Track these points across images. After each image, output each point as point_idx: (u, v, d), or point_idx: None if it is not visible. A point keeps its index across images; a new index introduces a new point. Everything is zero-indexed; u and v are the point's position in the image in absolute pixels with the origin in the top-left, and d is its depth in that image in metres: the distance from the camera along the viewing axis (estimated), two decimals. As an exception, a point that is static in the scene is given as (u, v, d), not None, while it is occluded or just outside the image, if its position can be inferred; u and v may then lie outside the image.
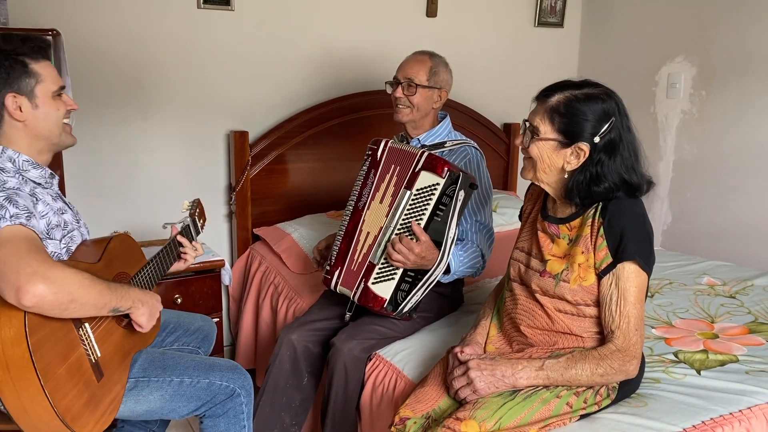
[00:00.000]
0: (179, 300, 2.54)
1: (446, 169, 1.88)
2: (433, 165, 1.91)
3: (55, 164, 2.09)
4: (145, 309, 1.60)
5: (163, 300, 1.80)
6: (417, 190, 1.94)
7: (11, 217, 1.40)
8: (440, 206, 1.89)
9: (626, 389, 1.62)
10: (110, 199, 2.73)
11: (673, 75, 3.32)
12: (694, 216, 3.29)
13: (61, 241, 1.62)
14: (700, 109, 3.22)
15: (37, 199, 1.57)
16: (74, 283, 1.38)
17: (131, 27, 2.66)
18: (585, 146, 1.51)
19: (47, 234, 1.58)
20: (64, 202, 1.73)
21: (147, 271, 1.76)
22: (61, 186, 2.13)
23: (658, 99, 3.41)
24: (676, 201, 3.37)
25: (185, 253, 1.92)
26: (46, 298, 1.33)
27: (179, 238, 1.90)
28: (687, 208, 3.32)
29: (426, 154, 1.95)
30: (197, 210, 2.02)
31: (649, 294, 2.34)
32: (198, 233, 2.01)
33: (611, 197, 1.53)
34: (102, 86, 2.65)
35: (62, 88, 1.65)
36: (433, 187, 1.91)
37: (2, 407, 1.42)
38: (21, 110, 1.57)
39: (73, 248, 1.66)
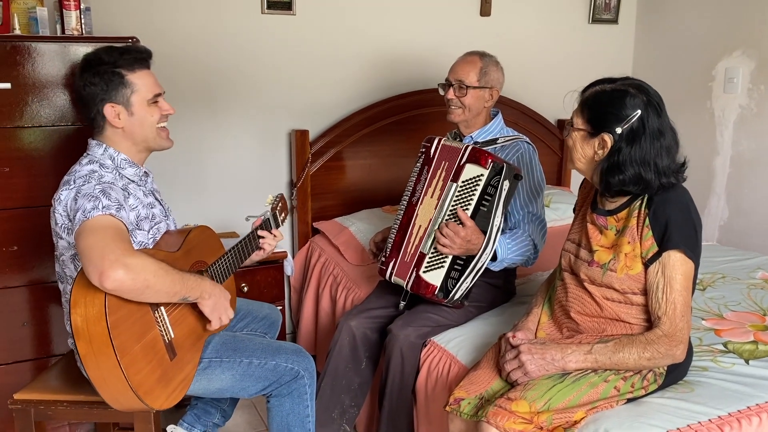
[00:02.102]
0: (246, 288, 2.71)
1: (490, 160, 1.98)
2: (477, 157, 2.01)
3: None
4: (211, 301, 1.72)
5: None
6: (462, 182, 2.03)
7: (103, 207, 1.57)
8: (486, 196, 1.98)
9: (673, 376, 1.68)
10: (183, 194, 2.92)
11: (730, 69, 3.29)
12: (751, 212, 3.25)
13: (149, 231, 1.79)
14: (759, 104, 3.19)
15: (128, 194, 1.74)
16: (151, 272, 1.51)
17: (201, 33, 2.84)
18: (608, 137, 1.58)
19: (137, 225, 1.75)
20: (156, 198, 1.90)
21: (224, 260, 1.89)
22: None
23: (715, 94, 3.38)
24: (734, 197, 3.34)
25: (265, 242, 2.04)
26: (124, 284, 1.46)
27: (259, 231, 2.04)
28: (744, 203, 3.29)
29: (470, 147, 2.05)
30: (279, 204, 2.15)
31: (701, 287, 2.39)
32: (278, 226, 2.13)
33: (626, 189, 1.59)
34: (175, 89, 2.81)
35: (158, 95, 1.81)
36: (477, 179, 2.00)
37: (87, 376, 1.58)
38: (119, 118, 1.76)
39: (158, 237, 1.83)
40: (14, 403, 1.78)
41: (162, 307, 1.66)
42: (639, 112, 1.57)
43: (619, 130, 1.57)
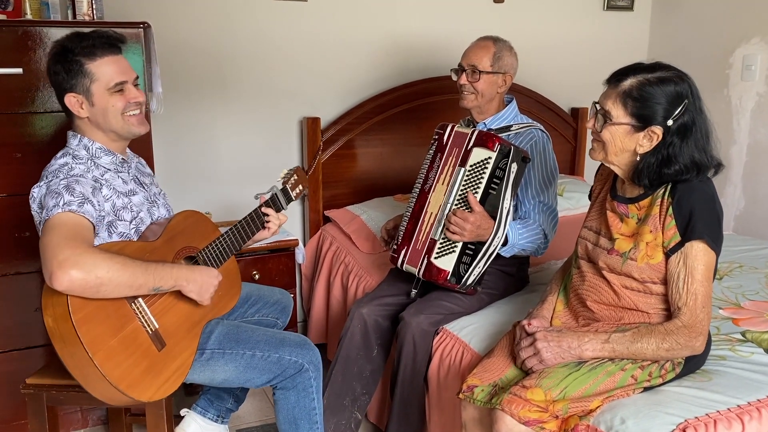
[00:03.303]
0: (257, 276, 2.70)
1: (497, 143, 1.96)
2: (484, 141, 2.00)
3: (146, 149, 2.27)
4: (194, 286, 1.66)
5: (242, 276, 1.89)
6: (470, 166, 2.02)
7: (64, 204, 1.54)
8: (494, 180, 1.97)
9: (691, 365, 1.65)
10: (194, 181, 2.91)
11: (748, 57, 3.23)
12: (768, 201, 3.22)
13: (131, 222, 1.74)
14: (777, 92, 3.15)
15: (101, 185, 1.69)
16: (103, 269, 1.46)
17: (213, 20, 2.82)
18: (658, 130, 1.53)
19: (116, 216, 1.71)
20: (140, 183, 1.84)
21: (219, 243, 1.84)
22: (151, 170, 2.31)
23: (732, 82, 3.33)
24: (750, 186, 3.29)
25: (269, 222, 1.98)
26: (75, 283, 1.42)
27: (263, 208, 1.97)
28: (761, 192, 3.24)
29: (476, 131, 2.03)
30: (293, 177, 2.05)
31: (718, 276, 2.35)
32: (289, 201, 2.04)
33: (680, 179, 1.55)
34: (187, 75, 2.82)
35: (122, 83, 1.71)
36: (485, 162, 1.99)
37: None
38: (82, 108, 1.70)
39: (143, 228, 1.78)
40: (26, 387, 1.78)
41: (140, 299, 1.61)
42: (687, 102, 1.52)
43: (670, 123, 1.52)
